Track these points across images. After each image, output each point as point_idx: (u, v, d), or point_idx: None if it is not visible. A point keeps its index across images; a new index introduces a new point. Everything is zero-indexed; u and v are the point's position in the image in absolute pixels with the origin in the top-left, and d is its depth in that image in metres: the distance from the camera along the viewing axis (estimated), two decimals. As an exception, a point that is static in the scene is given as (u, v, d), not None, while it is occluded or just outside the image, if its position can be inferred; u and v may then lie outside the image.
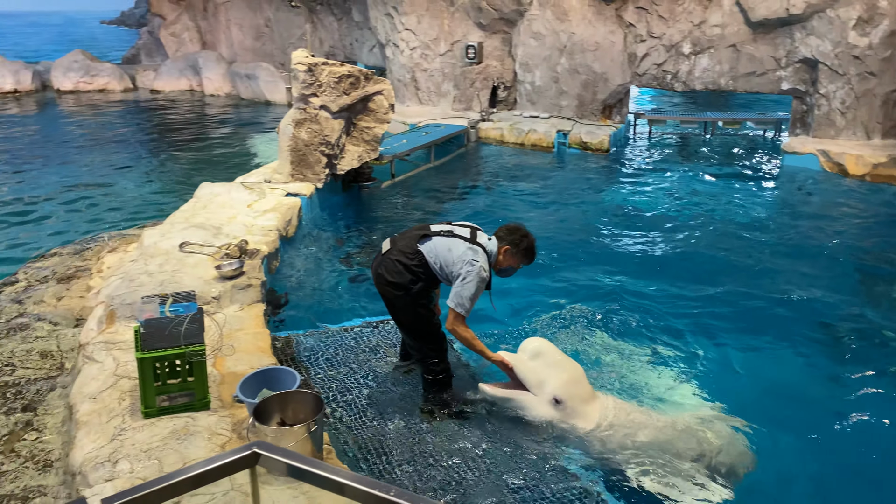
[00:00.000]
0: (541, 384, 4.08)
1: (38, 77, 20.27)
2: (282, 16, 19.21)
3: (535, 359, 4.12)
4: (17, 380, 4.55)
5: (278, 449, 1.37)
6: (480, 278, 4.05)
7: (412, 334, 4.32)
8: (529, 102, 13.22)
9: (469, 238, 4.18)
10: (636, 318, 5.81)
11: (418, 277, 4.14)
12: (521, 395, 4.13)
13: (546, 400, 4.07)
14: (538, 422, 4.10)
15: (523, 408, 4.13)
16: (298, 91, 7.96)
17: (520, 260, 4.29)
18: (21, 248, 7.58)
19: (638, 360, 5.16)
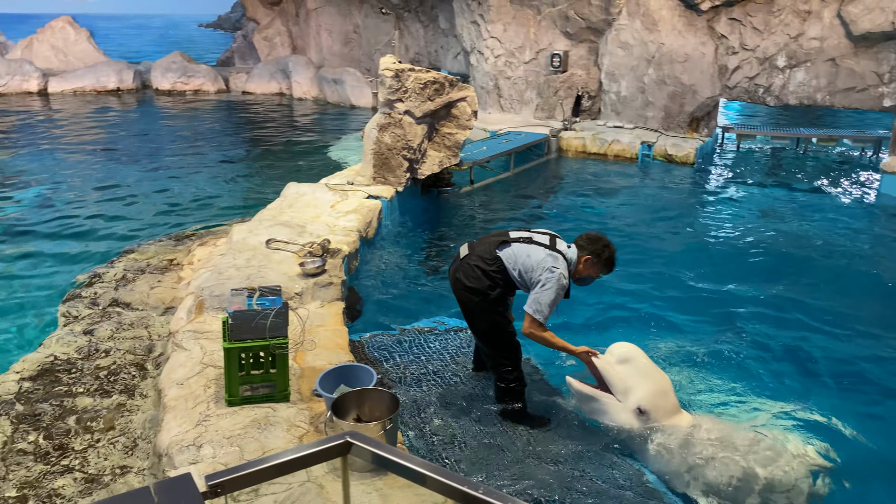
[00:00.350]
0: (626, 391, 4.00)
1: (139, 76, 21.37)
2: (370, 22, 19.61)
3: (622, 364, 4.03)
4: (111, 363, 4.81)
5: (370, 439, 1.40)
6: (560, 285, 4.02)
7: (487, 341, 4.32)
8: (614, 113, 13.05)
9: (549, 245, 4.16)
10: (715, 335, 5.64)
11: (496, 283, 4.14)
12: (605, 397, 4.05)
13: (629, 408, 3.99)
14: (617, 429, 4.03)
15: (604, 412, 4.06)
16: (384, 96, 8.11)
17: (600, 270, 4.24)
18: (118, 239, 7.99)
19: (716, 377, 5.01)
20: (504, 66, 14.01)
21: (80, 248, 7.69)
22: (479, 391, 4.63)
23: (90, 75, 20.71)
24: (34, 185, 10.56)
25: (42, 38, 22.74)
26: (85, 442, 3.96)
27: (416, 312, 6.12)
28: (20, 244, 7.82)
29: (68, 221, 8.72)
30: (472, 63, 14.76)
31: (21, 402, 4.31)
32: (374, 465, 3.12)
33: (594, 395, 4.09)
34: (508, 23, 13.73)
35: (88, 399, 4.37)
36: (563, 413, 4.36)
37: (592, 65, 13.32)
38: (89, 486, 3.60)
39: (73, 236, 8.15)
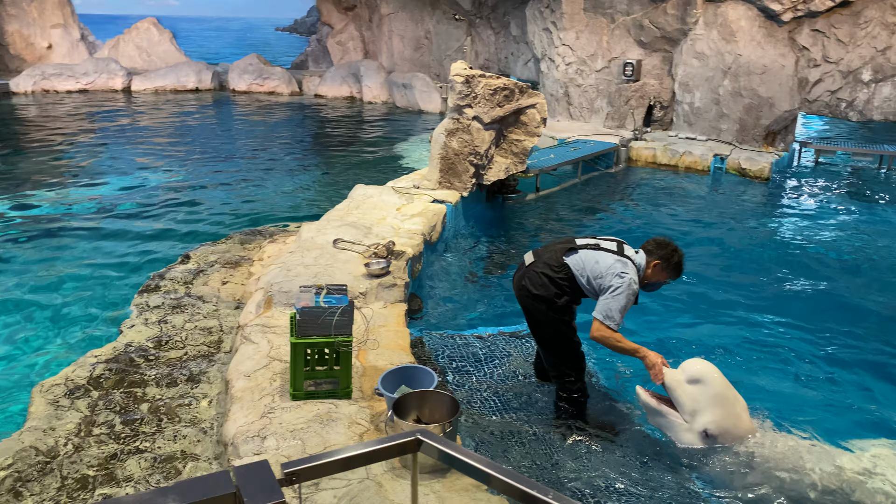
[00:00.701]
0: (695, 413, 3.83)
1: (217, 77, 22.10)
2: (441, 28, 19.77)
3: (693, 383, 3.86)
4: (182, 354, 4.98)
5: (440, 438, 1.42)
6: (631, 290, 3.96)
7: (551, 350, 4.28)
8: (686, 124, 12.78)
9: (616, 251, 4.10)
10: (781, 356, 5.45)
11: (563, 291, 4.10)
12: (672, 414, 3.90)
13: (696, 430, 3.84)
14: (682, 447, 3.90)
15: (670, 429, 3.92)
16: (454, 101, 8.16)
17: (668, 275, 4.17)
18: (192, 234, 8.27)
19: (791, 400, 4.84)
20: (575, 74, 13.90)
21: (155, 242, 8.00)
22: (539, 399, 4.60)
23: (171, 75, 21.53)
24: (115, 179, 11.04)
25: (128, 39, 23.78)
26: (154, 428, 4.11)
27: (476, 317, 6.13)
28: (100, 236, 8.18)
29: (146, 215, 9.09)
30: (543, 70, 14.70)
31: (96, 387, 4.50)
32: (439, 465, 3.16)
33: (661, 411, 3.94)
34: (581, 31, 13.63)
35: (159, 387, 4.54)
36: (624, 425, 4.29)
37: (666, 75, 13.09)
38: (158, 470, 3.73)
39: (149, 229, 8.48)
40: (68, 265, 7.16)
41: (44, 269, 7.05)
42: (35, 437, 3.95)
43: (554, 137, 12.27)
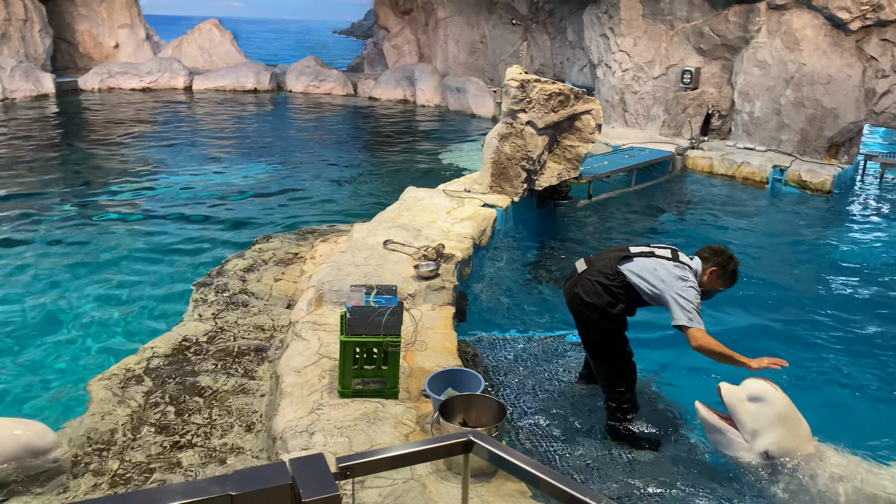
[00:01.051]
0: (755, 433, 3.69)
1: (275, 78, 22.53)
2: (497, 33, 19.78)
3: (754, 402, 3.70)
4: (235, 348, 5.09)
5: (492, 440, 1.42)
6: (696, 292, 3.90)
7: (602, 359, 4.23)
8: (745, 133, 12.49)
9: (672, 258, 4.05)
10: (837, 378, 5.27)
11: (618, 300, 4.05)
12: (732, 432, 3.75)
13: (756, 450, 3.69)
14: (737, 464, 3.77)
15: (728, 447, 3.80)
16: (508, 106, 8.15)
17: (723, 283, 4.11)
18: (248, 231, 8.44)
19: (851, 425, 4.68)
20: (631, 81, 13.74)
21: (212, 238, 8.19)
22: (585, 406, 4.55)
23: (231, 75, 22.04)
24: (174, 176, 11.35)
25: (191, 39, 24.45)
26: (206, 419, 4.21)
27: (524, 322, 6.10)
28: (158, 231, 8.42)
29: (203, 211, 9.32)
30: (599, 76, 14.57)
31: (152, 377, 4.64)
32: (484, 469, 3.16)
33: (721, 428, 3.79)
34: (639, 37, 13.47)
35: (212, 380, 4.65)
36: (673, 439, 4.21)
37: (725, 83, 12.83)
38: (208, 460, 3.82)
39: (206, 226, 8.70)
40: (127, 258, 7.40)
41: (104, 261, 7.29)
42: (94, 424, 4.09)
43: (608, 144, 12.14)
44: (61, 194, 10.01)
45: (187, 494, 1.09)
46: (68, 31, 22.65)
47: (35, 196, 9.79)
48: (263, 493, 1.10)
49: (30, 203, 9.40)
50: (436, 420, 3.37)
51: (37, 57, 20.07)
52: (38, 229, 8.29)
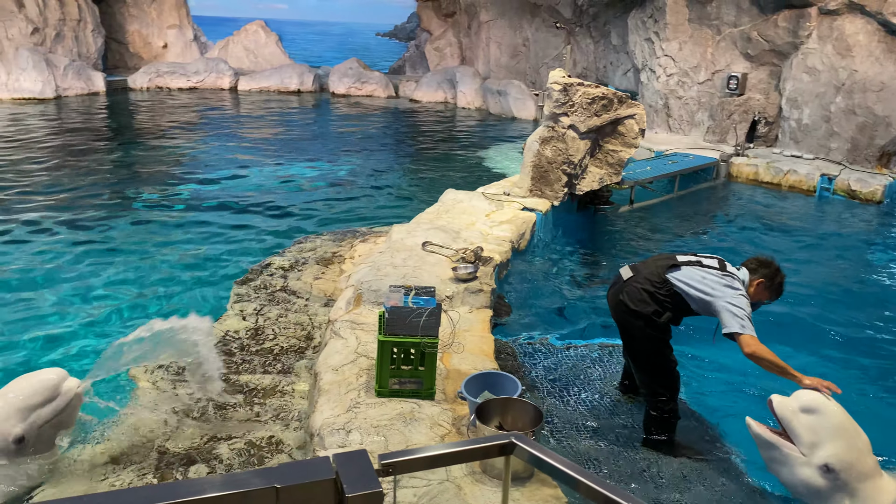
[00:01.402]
0: (813, 445, 3.52)
1: (318, 80, 22.80)
2: (540, 36, 19.71)
3: (808, 414, 3.56)
4: (275, 345, 5.15)
5: (534, 443, 1.42)
6: (746, 300, 3.84)
7: (645, 368, 4.17)
8: (793, 141, 12.23)
9: (719, 268, 4.00)
10: (882, 397, 5.11)
11: (664, 308, 4.00)
12: (787, 447, 3.58)
13: (815, 464, 3.51)
14: (794, 486, 3.61)
15: (784, 463, 3.60)
16: (550, 109, 8.11)
17: (770, 295, 4.05)
18: (289, 231, 8.56)
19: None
20: (676, 86, 13.56)
21: (254, 236, 8.33)
22: (623, 415, 4.50)
23: (275, 76, 22.36)
24: (218, 174, 11.55)
25: (237, 40, 24.88)
26: (245, 414, 4.27)
27: (561, 328, 6.06)
28: (201, 228, 8.58)
29: (246, 209, 9.47)
30: (643, 81, 14.42)
31: (196, 371, 4.72)
32: (520, 473, 3.14)
33: (776, 443, 3.63)
34: (685, 41, 13.29)
35: (251, 375, 4.71)
36: (714, 451, 4.14)
37: (773, 89, 12.58)
38: (247, 455, 3.88)
39: (248, 224, 8.83)
40: (170, 254, 7.55)
41: (147, 255, 7.46)
42: (138, 415, 4.18)
43: (651, 150, 12.00)
44: (109, 188, 10.27)
45: (234, 485, 1.11)
46: (119, 31, 23.25)
47: (83, 189, 10.07)
48: (308, 486, 1.11)
49: (78, 196, 9.67)
50: (472, 423, 3.36)
51: (89, 56, 20.65)
52: (84, 222, 8.52)
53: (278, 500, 1.10)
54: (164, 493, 1.13)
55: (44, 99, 18.21)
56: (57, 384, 3.71)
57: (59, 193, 9.83)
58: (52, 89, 18.45)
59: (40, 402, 3.64)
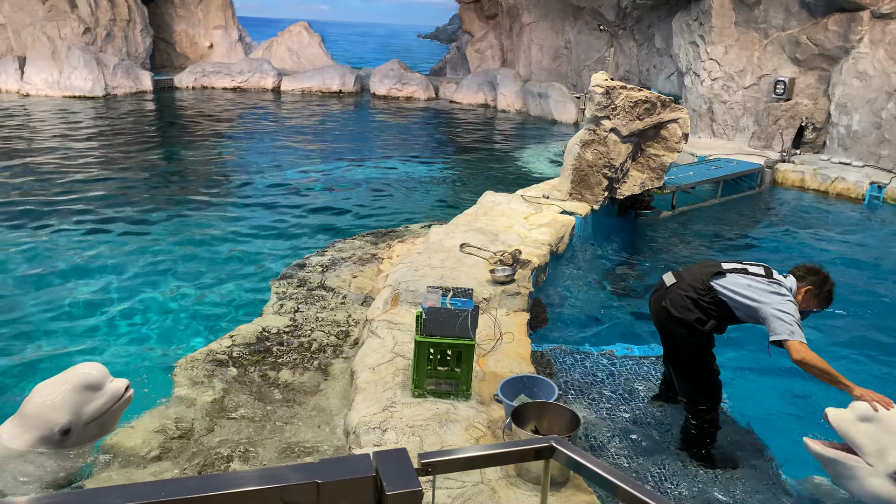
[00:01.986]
0: (881, 453, 3.41)
1: (360, 81, 22.98)
2: (582, 38, 19.57)
3: (867, 422, 3.46)
4: (312, 342, 5.20)
5: (573, 447, 1.41)
6: (794, 306, 3.75)
7: (686, 376, 4.09)
8: (841, 147, 11.93)
9: (765, 275, 3.91)
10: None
11: (708, 315, 3.92)
12: (852, 460, 3.49)
13: (885, 472, 3.40)
14: (866, 499, 3.49)
15: (851, 477, 3.48)
16: (591, 112, 8.04)
17: (818, 304, 3.95)
18: (328, 229, 8.64)
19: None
20: (721, 90, 13.33)
21: (293, 234, 8.43)
22: (661, 423, 4.44)
23: (318, 77, 22.61)
24: (259, 173, 11.72)
25: (280, 41, 25.22)
26: (283, 410, 4.32)
27: (598, 333, 6.00)
28: (242, 225, 8.72)
29: (287, 208, 9.59)
30: (686, 84, 14.21)
31: (235, 366, 4.79)
32: (555, 478, 3.12)
33: (839, 458, 3.52)
34: (731, 45, 13.06)
35: (290, 371, 4.76)
36: (755, 462, 4.05)
37: (821, 94, 12.28)
38: (285, 451, 3.92)
39: (289, 222, 8.94)
40: (211, 249, 7.69)
41: (189, 251, 7.60)
42: (177, 409, 4.25)
43: (694, 154, 11.82)
44: (154, 185, 10.50)
45: (275, 479, 1.12)
46: (167, 31, 23.75)
47: (129, 185, 10.30)
48: (348, 482, 1.12)
49: (124, 191, 9.91)
50: (507, 426, 3.35)
51: (137, 55, 21.14)
52: (129, 217, 8.72)
53: (319, 495, 1.11)
54: (205, 484, 1.15)
55: (94, 97, 18.70)
56: (103, 382, 3.75)
57: (106, 189, 10.08)
58: (101, 87, 18.93)
59: (90, 398, 3.68)
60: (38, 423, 3.57)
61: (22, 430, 3.58)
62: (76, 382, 3.66)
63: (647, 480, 3.86)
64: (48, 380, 3.76)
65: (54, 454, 3.60)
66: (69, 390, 3.62)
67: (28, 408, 3.61)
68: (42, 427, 3.57)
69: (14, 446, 3.56)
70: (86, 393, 3.65)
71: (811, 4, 11.96)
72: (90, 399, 3.66)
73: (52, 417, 3.58)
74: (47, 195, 9.58)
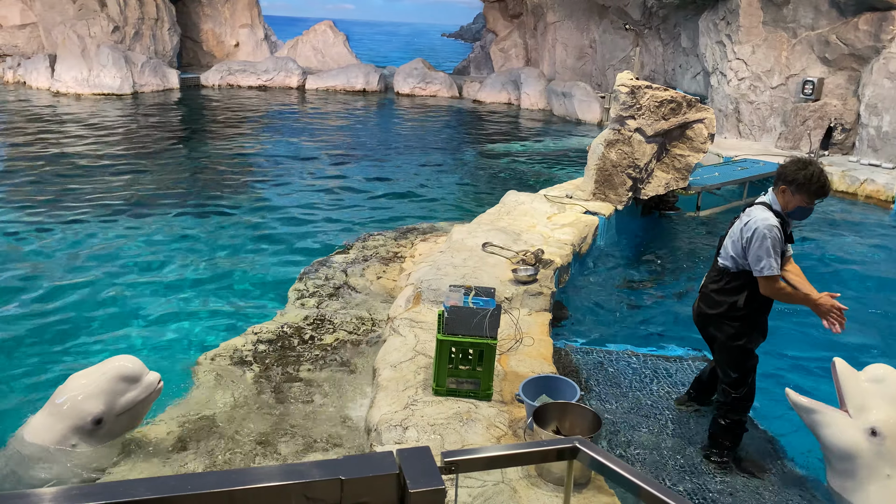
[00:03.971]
0: (862, 408, 3.53)
1: (384, 80, 23.03)
2: (607, 38, 19.44)
3: (873, 381, 3.58)
4: (334, 339, 5.23)
5: (597, 448, 1.40)
6: (766, 230, 3.68)
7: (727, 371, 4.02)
8: (871, 149, 11.73)
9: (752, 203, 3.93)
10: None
11: (733, 294, 3.89)
12: (829, 410, 3.63)
13: (861, 426, 3.51)
14: (837, 449, 3.57)
15: (827, 425, 3.59)
16: (616, 112, 7.99)
17: (805, 198, 3.72)
18: (351, 228, 8.67)
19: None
20: (747, 90, 13.18)
21: (316, 232, 8.47)
22: (683, 425, 4.40)
23: (342, 76, 22.70)
24: (284, 170, 11.80)
25: (305, 40, 25.35)
26: (306, 406, 4.35)
27: (621, 334, 5.96)
28: (266, 221, 8.79)
29: (311, 206, 9.65)
30: (713, 84, 14.07)
31: (258, 361, 4.83)
32: (582, 477, 3.11)
33: (814, 407, 3.66)
34: (758, 45, 12.90)
35: (311, 367, 4.79)
36: (776, 466, 4.00)
37: (850, 95, 12.09)
38: (306, 448, 3.94)
39: (312, 219, 8.99)
40: (235, 245, 7.76)
41: (216, 247, 7.67)
42: (200, 403, 4.30)
43: (720, 155, 11.69)
44: (179, 182, 10.62)
45: (299, 475, 1.13)
46: (194, 29, 24.00)
47: (156, 182, 10.43)
48: (371, 480, 1.13)
49: (150, 187, 10.03)
50: (529, 425, 3.34)
51: (164, 54, 21.38)
52: (152, 212, 8.82)
53: (342, 491, 1.11)
54: (229, 479, 1.16)
55: (122, 94, 18.95)
56: (141, 375, 3.79)
57: (133, 185, 10.21)
58: (129, 85, 19.18)
59: (123, 390, 3.73)
60: (71, 413, 3.61)
61: (54, 418, 3.63)
62: (113, 374, 3.70)
63: (668, 482, 3.83)
64: (83, 370, 3.81)
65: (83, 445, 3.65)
66: (105, 381, 3.67)
67: (61, 397, 3.66)
68: (75, 416, 3.61)
69: (45, 436, 3.60)
70: (121, 384, 3.70)
71: (841, 4, 11.78)
72: (125, 390, 3.72)
73: (86, 407, 3.62)
74: (77, 190, 9.73)
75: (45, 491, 1.13)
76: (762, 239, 3.68)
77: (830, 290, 3.73)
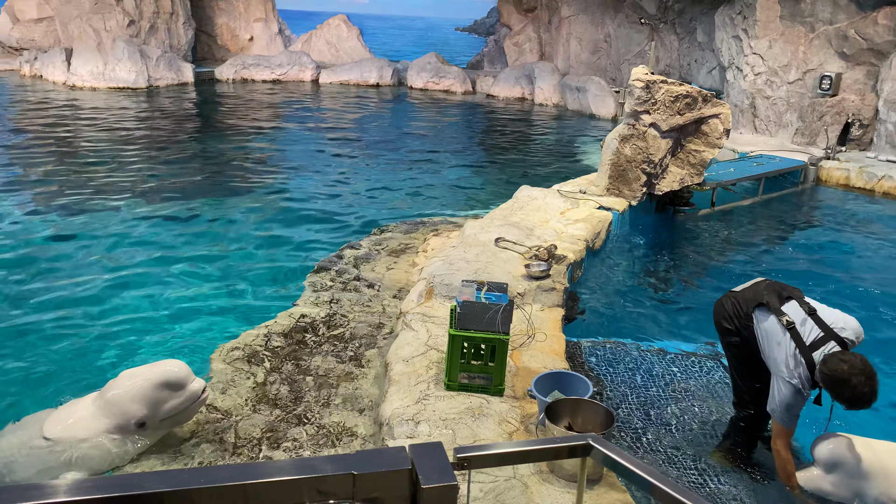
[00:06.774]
0: (860, 495, 3.53)
1: (397, 74, 23.00)
2: (622, 32, 19.32)
3: (833, 471, 3.52)
4: (347, 333, 5.24)
5: (611, 445, 1.39)
6: (796, 391, 3.47)
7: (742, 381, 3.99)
8: (889, 145, 11.59)
9: (804, 346, 3.48)
10: None
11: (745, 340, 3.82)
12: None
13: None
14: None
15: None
16: (631, 107, 7.93)
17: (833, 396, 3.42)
18: (363, 223, 8.67)
19: None
20: (764, 85, 13.05)
21: (329, 226, 8.49)
22: (695, 423, 4.37)
23: (355, 70, 22.70)
24: (298, 164, 11.82)
25: (319, 34, 25.36)
26: (319, 400, 4.36)
27: (633, 330, 5.94)
28: (279, 215, 8.81)
29: (323, 199, 9.66)
30: (728, 79, 13.95)
31: (271, 355, 4.85)
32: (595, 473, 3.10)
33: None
34: (775, 39, 12.77)
35: (324, 361, 4.80)
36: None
37: (869, 90, 11.94)
38: (319, 440, 3.95)
39: (325, 214, 9.01)
40: (248, 239, 7.79)
41: (230, 240, 7.70)
42: (215, 395, 4.32)
43: (735, 150, 11.59)
44: (194, 175, 10.66)
45: (311, 470, 1.13)
46: (208, 24, 24.07)
47: (170, 175, 10.48)
48: (384, 475, 1.12)
49: (165, 181, 10.08)
50: (541, 421, 3.33)
51: (179, 48, 21.46)
52: (167, 206, 8.87)
53: (354, 486, 1.11)
54: (243, 472, 1.16)
55: (136, 88, 19.04)
56: (185, 382, 3.79)
57: (149, 178, 10.27)
58: (144, 79, 19.27)
59: (167, 397, 3.74)
60: (116, 412, 3.67)
61: (102, 412, 3.68)
62: (159, 379, 3.71)
63: (681, 479, 3.81)
64: (134, 369, 3.83)
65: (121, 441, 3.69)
66: (151, 386, 3.69)
67: (110, 394, 3.70)
68: (120, 416, 3.66)
69: (90, 427, 3.65)
70: (166, 391, 3.72)
71: (861, -3, 11.64)
72: (169, 397, 3.73)
73: (131, 409, 3.66)
74: (91, 183, 9.80)
75: (58, 482, 1.14)
76: (790, 393, 3.46)
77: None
